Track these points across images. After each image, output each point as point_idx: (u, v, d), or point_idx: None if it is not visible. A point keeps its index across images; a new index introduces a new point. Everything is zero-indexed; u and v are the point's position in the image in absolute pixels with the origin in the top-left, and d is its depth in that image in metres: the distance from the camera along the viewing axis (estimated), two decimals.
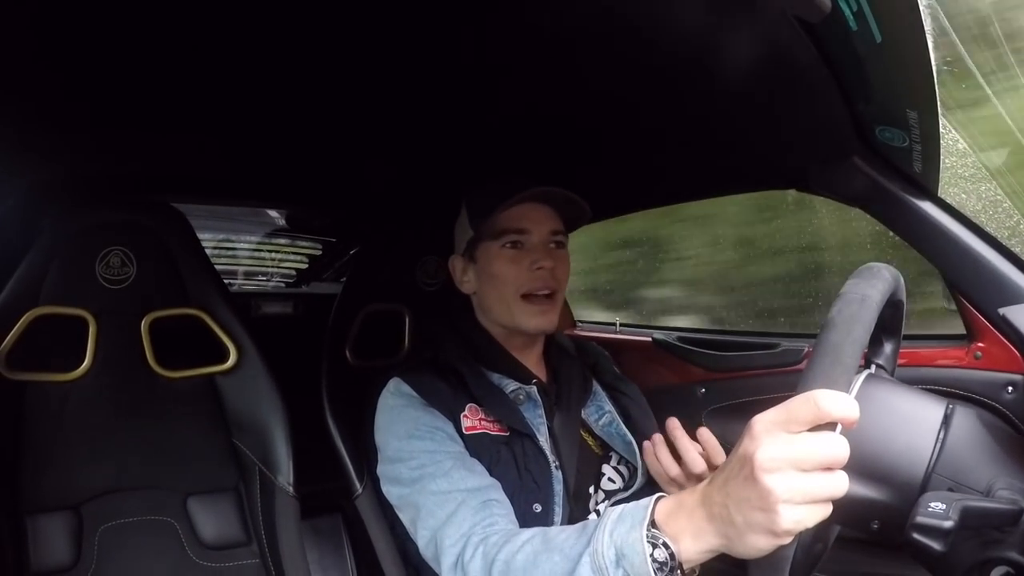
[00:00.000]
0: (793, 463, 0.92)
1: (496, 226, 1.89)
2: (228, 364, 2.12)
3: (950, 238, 1.79)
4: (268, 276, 4.07)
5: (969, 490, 1.15)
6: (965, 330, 1.94)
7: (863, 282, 1.13)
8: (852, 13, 1.19)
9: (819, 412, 0.92)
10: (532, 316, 1.88)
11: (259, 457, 2.14)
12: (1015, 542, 1.12)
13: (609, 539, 1.17)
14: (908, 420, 1.22)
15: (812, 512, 0.93)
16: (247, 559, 2.15)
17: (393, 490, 1.76)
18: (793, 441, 0.93)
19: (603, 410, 2.03)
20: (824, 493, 0.93)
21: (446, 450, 1.71)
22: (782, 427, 0.94)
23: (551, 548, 1.29)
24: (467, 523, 1.54)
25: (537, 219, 1.90)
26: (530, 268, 1.86)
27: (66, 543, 1.97)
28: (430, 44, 1.61)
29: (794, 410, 0.94)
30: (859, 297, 1.09)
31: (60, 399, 2.00)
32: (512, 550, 1.36)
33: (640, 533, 1.12)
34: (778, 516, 0.92)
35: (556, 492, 1.78)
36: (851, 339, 1.02)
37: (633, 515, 1.17)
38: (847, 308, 1.07)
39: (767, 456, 0.93)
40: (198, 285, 2.13)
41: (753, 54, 1.47)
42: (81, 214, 2.00)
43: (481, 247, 1.93)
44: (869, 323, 1.07)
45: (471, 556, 1.44)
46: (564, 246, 1.97)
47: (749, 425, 0.99)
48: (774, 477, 0.92)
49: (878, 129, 1.66)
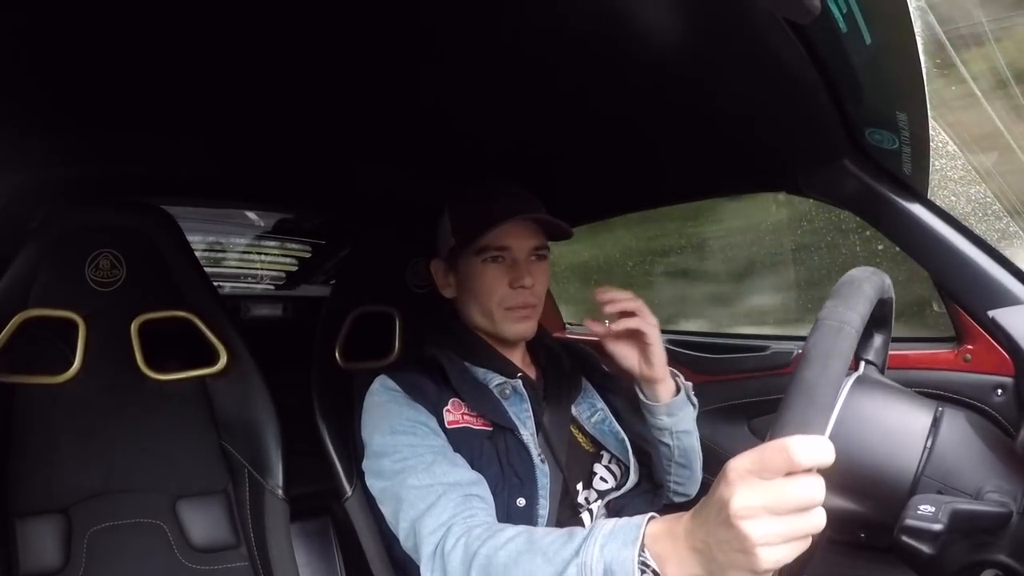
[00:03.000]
0: (768, 509, 0.93)
1: (479, 241, 1.88)
2: (218, 367, 2.11)
3: (940, 240, 1.80)
4: (258, 278, 4.07)
5: (958, 493, 1.15)
6: (954, 332, 1.95)
7: (842, 305, 1.10)
8: (842, 15, 1.19)
9: (792, 462, 0.92)
10: (513, 324, 1.89)
11: (249, 460, 2.14)
12: (1004, 545, 1.12)
13: (600, 553, 1.17)
14: (897, 423, 1.22)
15: (790, 550, 0.95)
16: (236, 562, 2.15)
17: (376, 483, 1.76)
18: (767, 488, 0.94)
19: (595, 407, 2.03)
20: (801, 533, 0.95)
21: (428, 444, 1.72)
22: (756, 475, 0.95)
23: (535, 550, 1.29)
24: (447, 513, 1.54)
25: (519, 235, 1.89)
26: (512, 286, 1.86)
27: (55, 546, 1.96)
28: (419, 48, 1.61)
29: (767, 459, 0.94)
30: (836, 326, 1.06)
31: (50, 402, 1.99)
32: (495, 546, 1.36)
33: (632, 553, 1.13)
34: (757, 558, 0.94)
35: (541, 487, 1.77)
36: (826, 376, 1.00)
37: (625, 533, 1.17)
38: (823, 341, 1.05)
39: (741, 504, 0.94)
40: (188, 287, 2.12)
41: (743, 56, 1.47)
42: (70, 216, 1.99)
43: (462, 259, 1.93)
44: (848, 353, 1.05)
45: (452, 546, 1.44)
46: (545, 258, 1.97)
47: (724, 470, 0.99)
48: (750, 523, 0.94)
49: (868, 131, 1.66)
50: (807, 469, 0.93)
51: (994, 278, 1.76)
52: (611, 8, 1.38)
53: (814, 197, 2.02)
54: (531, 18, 1.48)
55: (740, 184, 2.40)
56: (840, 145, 1.79)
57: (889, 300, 1.34)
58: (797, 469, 0.92)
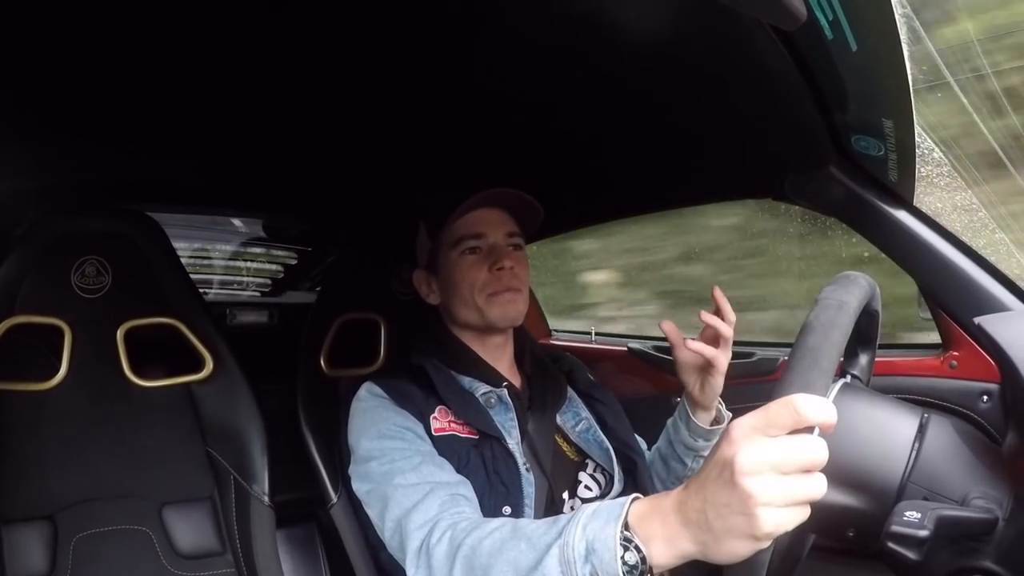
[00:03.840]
0: (773, 466, 0.91)
1: (453, 234, 1.91)
2: (204, 373, 2.11)
3: (926, 247, 1.80)
4: (243, 285, 4.06)
5: (944, 499, 1.15)
6: (940, 339, 1.95)
7: (840, 288, 1.13)
8: (828, 22, 1.19)
9: (797, 416, 0.91)
10: (498, 307, 1.89)
11: (234, 466, 2.13)
12: (990, 551, 1.12)
13: (581, 532, 1.15)
14: (883, 429, 1.22)
15: (791, 515, 0.92)
16: (222, 568, 2.14)
17: (362, 486, 1.75)
18: (772, 445, 0.92)
19: (580, 416, 2.03)
20: (804, 496, 0.92)
21: (416, 448, 1.72)
22: (761, 431, 0.93)
23: (519, 536, 1.28)
24: (434, 509, 1.53)
25: (492, 222, 1.92)
26: (491, 269, 1.87)
27: (41, 552, 1.95)
28: (405, 56, 1.61)
29: (773, 415, 0.93)
30: (836, 303, 1.08)
31: (36, 408, 1.99)
32: (480, 536, 1.35)
33: (614, 530, 1.11)
34: (758, 520, 0.91)
35: (527, 495, 1.77)
36: (829, 343, 1.02)
37: (608, 511, 1.15)
38: (824, 313, 1.07)
39: (747, 460, 0.92)
40: (174, 294, 2.12)
41: (729, 63, 1.48)
42: (56, 223, 1.99)
43: (441, 257, 1.95)
44: (847, 328, 1.07)
45: (437, 540, 1.44)
46: (522, 248, 1.98)
47: (727, 430, 0.98)
48: (754, 480, 0.91)
49: (854, 138, 1.67)
50: (810, 429, 0.92)
51: (980, 285, 1.77)
52: (595, 16, 1.38)
53: (800, 204, 2.03)
54: (516, 27, 1.49)
55: (726, 191, 2.40)
56: (826, 152, 1.79)
57: (877, 313, 1.34)
58: (802, 425, 0.91)
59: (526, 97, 1.85)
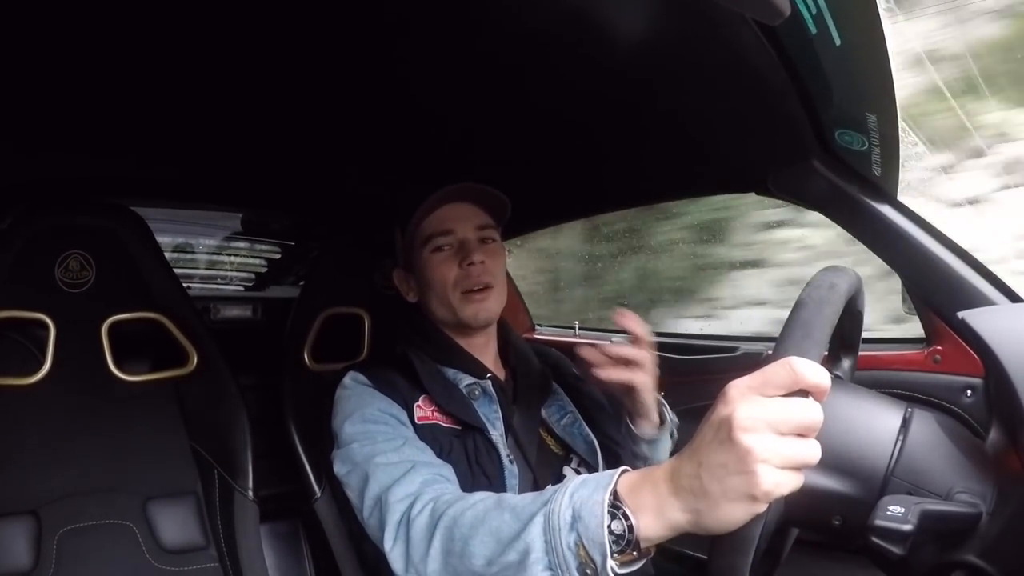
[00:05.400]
0: (770, 424, 0.92)
1: (423, 233, 1.92)
2: (188, 368, 2.12)
3: (909, 242, 1.80)
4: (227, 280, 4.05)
5: (928, 493, 1.16)
6: (924, 334, 1.96)
7: (832, 273, 1.14)
8: (811, 16, 1.19)
9: (795, 376, 0.91)
10: (471, 306, 1.90)
11: (219, 461, 2.13)
12: (974, 545, 1.13)
13: (568, 500, 1.13)
14: (867, 423, 1.23)
15: (788, 478, 0.92)
16: (206, 563, 2.13)
17: (343, 467, 1.74)
18: (770, 403, 0.93)
19: (565, 410, 2.04)
20: (800, 458, 0.93)
21: (399, 432, 1.72)
22: (757, 390, 0.94)
23: (503, 507, 1.26)
24: (416, 485, 1.53)
25: (460, 217, 1.92)
26: (462, 266, 1.88)
27: (25, 547, 1.95)
28: (389, 50, 1.61)
29: (770, 374, 0.94)
30: (828, 284, 1.10)
31: (19, 403, 1.98)
32: (462, 507, 1.34)
33: (602, 496, 1.08)
34: (756, 476, 0.91)
35: (510, 487, 1.77)
36: (821, 317, 1.03)
37: (598, 480, 1.13)
38: (817, 291, 1.08)
39: (745, 415, 0.92)
40: (158, 288, 2.12)
41: (712, 57, 1.48)
42: (39, 217, 1.98)
43: (414, 256, 1.96)
44: (837, 306, 1.08)
45: (418, 512, 1.43)
46: (495, 240, 1.99)
47: (723, 391, 0.98)
48: (752, 436, 0.91)
49: (838, 132, 1.67)
50: (805, 394, 0.93)
51: (964, 279, 1.77)
52: (577, 10, 1.38)
53: (783, 198, 2.03)
54: (501, 22, 1.49)
55: (709, 185, 2.41)
56: (809, 146, 1.79)
57: (860, 314, 1.34)
58: (798, 385, 0.92)
59: (509, 91, 1.85)
